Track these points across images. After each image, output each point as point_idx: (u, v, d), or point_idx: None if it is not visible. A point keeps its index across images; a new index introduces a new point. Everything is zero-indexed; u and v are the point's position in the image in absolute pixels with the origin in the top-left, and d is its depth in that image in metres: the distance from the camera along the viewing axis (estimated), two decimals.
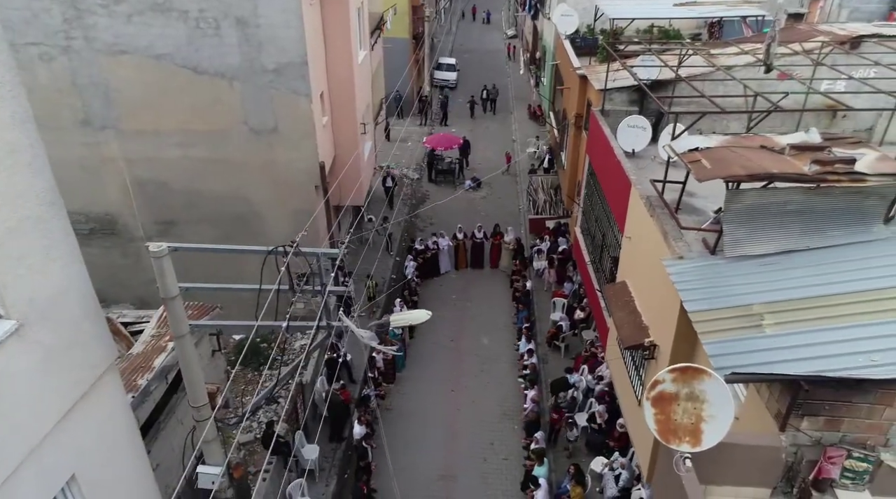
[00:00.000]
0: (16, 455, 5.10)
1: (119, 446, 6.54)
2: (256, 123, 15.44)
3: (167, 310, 6.68)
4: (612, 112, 14.32)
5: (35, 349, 5.22)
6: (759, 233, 7.70)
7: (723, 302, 7.06)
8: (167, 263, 6.48)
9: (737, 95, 11.25)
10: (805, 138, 8.41)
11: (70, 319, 5.62)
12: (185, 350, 6.85)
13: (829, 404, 6.03)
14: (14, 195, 4.96)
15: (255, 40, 14.42)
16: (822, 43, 13.25)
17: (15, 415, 5.07)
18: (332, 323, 7.51)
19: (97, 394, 6.05)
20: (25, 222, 5.08)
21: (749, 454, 6.26)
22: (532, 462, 13.26)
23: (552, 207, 23.96)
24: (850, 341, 6.11)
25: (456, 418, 15.76)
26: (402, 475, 13.61)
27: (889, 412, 6.02)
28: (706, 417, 5.65)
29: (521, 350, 17.12)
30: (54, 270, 5.43)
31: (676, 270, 7.89)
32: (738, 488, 6.39)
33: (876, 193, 7.44)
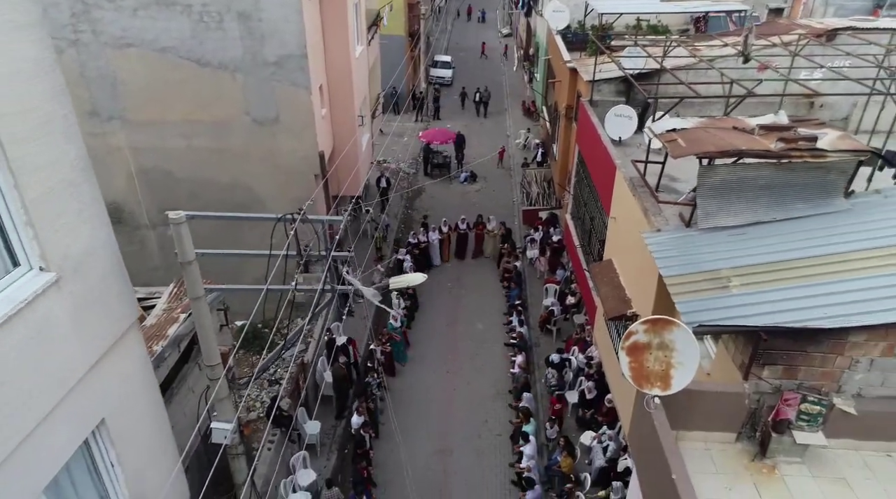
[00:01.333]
0: (53, 396, 5.67)
1: (142, 397, 7.12)
2: (258, 114, 16.01)
3: (184, 274, 7.26)
4: (600, 102, 14.92)
5: (70, 300, 5.79)
6: (729, 206, 8.31)
7: (694, 267, 7.67)
8: (185, 230, 7.05)
9: (716, 82, 11.87)
10: (774, 120, 9.03)
11: (99, 275, 6.20)
12: (201, 312, 7.43)
13: (787, 354, 6.65)
14: (51, 161, 5.53)
15: (256, 33, 15.00)
16: (799, 35, 13.89)
17: (53, 359, 5.65)
18: (336, 287, 8.09)
19: (123, 346, 6.63)
20: (60, 185, 5.66)
21: (716, 401, 6.87)
22: (519, 421, 13.91)
23: (545, 198, 24.57)
24: (806, 298, 6.73)
25: (452, 397, 16.37)
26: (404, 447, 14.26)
27: (840, 361, 6.64)
28: (675, 364, 6.26)
29: (514, 324, 17.81)
30: (85, 230, 6.01)
31: (654, 241, 8.50)
32: (706, 433, 7.01)
33: (836, 169, 8.07)
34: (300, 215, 7.18)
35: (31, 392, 5.36)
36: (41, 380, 5.50)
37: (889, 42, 13.12)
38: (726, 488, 6.54)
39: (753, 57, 12.91)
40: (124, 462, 6.82)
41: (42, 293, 5.42)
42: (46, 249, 5.49)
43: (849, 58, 13.09)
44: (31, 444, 5.42)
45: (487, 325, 19.12)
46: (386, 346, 17.04)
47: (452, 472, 14.15)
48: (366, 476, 13.63)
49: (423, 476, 13.96)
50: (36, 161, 5.30)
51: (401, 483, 13.65)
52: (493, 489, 13.77)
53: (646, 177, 10.45)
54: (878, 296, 6.55)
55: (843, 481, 6.57)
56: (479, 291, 20.81)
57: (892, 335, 6.48)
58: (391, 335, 17.36)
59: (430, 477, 13.96)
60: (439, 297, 20.35)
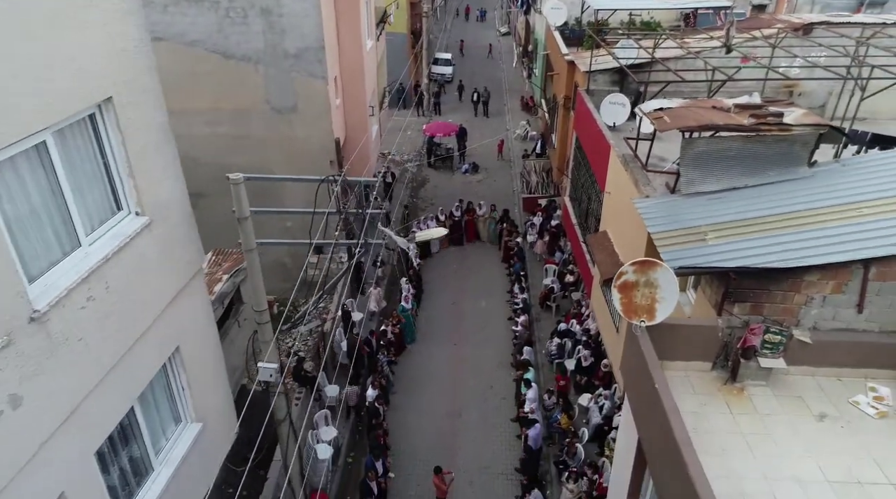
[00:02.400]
0: (147, 319, 6.87)
1: (205, 333, 8.32)
2: (277, 103, 17.21)
3: (241, 228, 8.46)
4: (596, 92, 16.15)
5: (157, 242, 6.99)
6: (707, 174, 9.55)
7: (677, 225, 8.91)
8: (242, 190, 8.27)
9: (701, 69, 13.11)
10: (748, 100, 10.27)
11: (177, 223, 7.40)
12: (253, 263, 8.63)
13: (753, 293, 7.89)
14: (146, 124, 6.73)
15: (277, 28, 16.20)
16: (778, 29, 15.15)
17: (146, 288, 6.84)
18: (370, 240, 9.29)
19: (192, 287, 7.83)
20: (152, 145, 6.86)
21: (693, 334, 8.10)
22: (521, 371, 15.23)
23: (544, 187, 25.81)
24: (769, 246, 7.97)
25: (459, 368, 17.58)
26: (416, 413, 15.50)
27: (798, 298, 7.89)
28: (659, 299, 7.50)
29: (516, 291, 19.37)
30: (168, 183, 7.21)
31: (643, 205, 9.73)
32: (686, 363, 8.22)
33: (800, 141, 9.32)
34: (340, 177, 8.38)
35: (132, 313, 6.57)
36: (139, 305, 6.71)
37: (860, 35, 14.39)
38: (702, 404, 7.75)
39: (736, 48, 14.19)
40: (192, 387, 8.03)
41: (139, 233, 6.62)
42: (142, 196, 6.69)
43: (823, 49, 14.37)
44: (130, 357, 6.61)
45: (490, 302, 20.35)
46: (396, 327, 18.19)
47: (461, 431, 15.36)
48: (382, 443, 14.82)
49: (434, 436, 15.17)
50: (136, 123, 6.50)
51: (412, 446, 14.90)
52: (497, 446, 14.99)
53: (637, 153, 11.68)
54: (829, 242, 7.79)
55: (800, 399, 7.80)
56: (481, 273, 22.05)
57: (840, 275, 7.73)
58: (400, 317, 18.49)
59: (440, 436, 15.16)
60: (444, 280, 21.58)
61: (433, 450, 14.51)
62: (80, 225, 5.93)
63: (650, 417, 7.25)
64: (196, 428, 8.22)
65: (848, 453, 7.01)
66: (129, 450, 7.06)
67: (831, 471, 6.79)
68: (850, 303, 7.90)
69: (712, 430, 7.39)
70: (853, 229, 7.96)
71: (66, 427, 5.69)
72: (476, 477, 14.04)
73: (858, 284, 7.77)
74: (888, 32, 14.61)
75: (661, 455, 6.87)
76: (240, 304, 12.28)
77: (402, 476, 14.17)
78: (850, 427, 7.40)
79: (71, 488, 5.83)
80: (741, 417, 7.62)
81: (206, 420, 8.43)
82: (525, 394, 14.86)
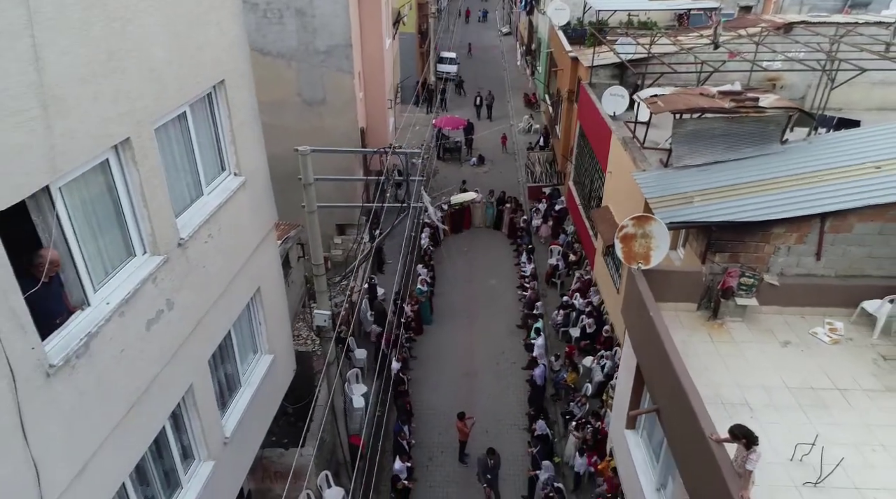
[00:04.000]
0: (240, 262, 8.54)
1: (277, 280, 9.99)
2: (308, 96, 18.89)
3: (305, 193, 10.14)
4: (597, 85, 17.85)
5: (248, 199, 8.66)
6: (695, 150, 11.24)
7: (669, 191, 10.59)
8: (308, 161, 9.96)
9: (691, 63, 14.81)
10: (730, 88, 11.98)
11: (261, 185, 9.08)
12: (314, 223, 10.31)
13: (731, 244, 9.58)
14: (243, 102, 8.40)
15: (310, 27, 17.88)
16: (762, 28, 16.87)
17: (242, 235, 8.52)
18: (413, 204, 10.98)
19: (268, 239, 9.51)
20: (246, 120, 8.53)
21: (682, 279, 9.80)
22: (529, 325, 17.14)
23: (547, 176, 27.55)
24: (745, 206, 9.65)
25: (472, 337, 19.28)
26: (435, 377, 17.17)
27: (767, 248, 9.58)
28: (653, 247, 9.22)
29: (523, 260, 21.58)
30: (256, 153, 8.88)
31: (641, 177, 11.43)
32: (676, 304, 9.90)
33: (773, 121, 11.02)
34: (390, 150, 10.06)
35: (233, 253, 8.25)
36: (237, 247, 8.38)
37: (834, 34, 16.11)
38: (689, 336, 9.44)
39: (723, 45, 15.91)
40: (267, 323, 9.71)
41: (237, 190, 8.29)
42: (240, 161, 8.37)
43: (801, 46, 16.08)
44: (230, 289, 8.29)
45: (499, 280, 22.07)
46: (414, 306, 19.82)
47: (476, 390, 17.06)
48: (408, 409, 16.47)
49: (452, 394, 16.86)
50: (238, 102, 8.18)
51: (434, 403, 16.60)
52: (509, 401, 16.70)
53: (635, 135, 13.38)
54: (793, 202, 9.48)
55: (769, 331, 9.50)
56: (489, 255, 23.78)
57: (801, 229, 9.42)
58: (419, 298, 20.12)
59: (457, 394, 16.85)
60: (455, 262, 23.28)
61: (452, 406, 16.18)
62: (203, 178, 7.61)
63: (647, 342, 8.93)
64: (269, 359, 9.90)
65: (805, 369, 8.72)
66: (225, 367, 8.73)
67: (790, 380, 8.50)
68: (810, 252, 9.60)
69: (697, 354, 9.08)
70: (813, 192, 9.66)
71: (195, 333, 7.36)
72: (491, 427, 15.73)
73: (816, 236, 9.47)
74: (859, 31, 16.34)
75: (655, 370, 8.57)
76: (287, 268, 13.89)
77: (426, 428, 15.86)
78: (808, 351, 9.11)
79: (197, 382, 7.51)
80: (720, 344, 9.33)
81: (276, 354, 10.11)
82: (534, 341, 16.74)
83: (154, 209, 6.37)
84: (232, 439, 8.53)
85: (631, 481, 10.06)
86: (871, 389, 8.35)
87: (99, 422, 5.68)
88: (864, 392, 8.29)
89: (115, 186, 5.93)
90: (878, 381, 8.48)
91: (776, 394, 8.30)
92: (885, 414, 7.88)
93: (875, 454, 7.32)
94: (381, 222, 12.96)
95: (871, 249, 9.48)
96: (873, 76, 16.02)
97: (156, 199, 6.39)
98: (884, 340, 9.19)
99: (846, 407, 8.04)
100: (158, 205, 6.44)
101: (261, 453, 11.79)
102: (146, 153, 6.16)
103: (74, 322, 5.45)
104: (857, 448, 7.37)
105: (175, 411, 7.29)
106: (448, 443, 15.35)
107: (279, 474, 12.46)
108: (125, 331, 5.95)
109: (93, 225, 5.72)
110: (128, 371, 6.04)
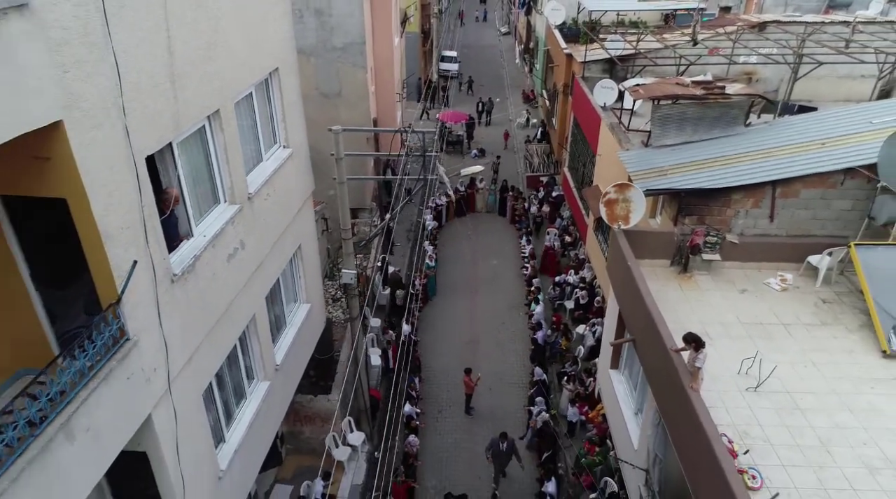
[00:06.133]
0: (286, 221, 10.28)
1: (313, 238, 11.74)
2: (325, 89, 20.60)
3: (337, 167, 11.88)
4: (589, 78, 19.61)
5: (294, 167, 10.40)
6: (670, 132, 13.01)
7: (647, 166, 12.35)
8: (340, 138, 11.70)
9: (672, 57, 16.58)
10: (702, 78, 13.74)
11: (303, 157, 10.83)
12: (343, 193, 12.08)
13: (698, 208, 11.34)
14: (290, 86, 10.15)
15: (328, 26, 19.60)
16: (738, 27, 18.65)
17: (288, 197, 10.25)
18: (428, 176, 12.71)
19: (307, 204, 11.26)
20: (292, 101, 10.27)
21: (658, 239, 11.55)
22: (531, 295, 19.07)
23: (544, 167, 29.33)
24: (710, 176, 11.40)
25: (476, 310, 21.04)
26: (441, 341, 18.92)
27: (729, 212, 11.34)
28: (632, 210, 10.96)
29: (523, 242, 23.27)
30: (299, 130, 10.64)
31: (624, 155, 13.19)
32: (652, 261, 11.64)
33: (737, 106, 12.78)
34: (409, 129, 11.81)
35: (283, 212, 10.01)
36: (285, 207, 10.14)
37: (803, 32, 17.88)
38: (662, 286, 11.18)
39: (701, 41, 17.69)
40: (306, 277, 11.47)
41: (286, 160, 10.05)
42: (288, 135, 10.14)
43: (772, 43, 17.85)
44: (280, 243, 10.04)
45: (501, 260, 23.85)
46: (424, 279, 21.59)
47: (479, 353, 18.82)
48: (417, 364, 18.26)
49: (457, 357, 18.59)
50: (287, 86, 9.93)
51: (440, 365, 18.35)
52: (511, 363, 18.48)
53: (621, 121, 15.15)
54: (751, 173, 11.24)
55: (730, 281, 11.25)
56: (491, 237, 25.58)
57: (757, 194, 11.18)
58: (427, 272, 21.89)
59: (462, 357, 18.58)
60: (460, 244, 25.05)
61: (457, 368, 17.91)
62: (262, 147, 9.37)
63: (626, 288, 10.68)
64: (307, 307, 11.66)
65: (757, 310, 10.48)
66: (275, 308, 10.49)
67: (744, 317, 10.26)
68: (764, 215, 11.35)
69: (668, 300, 10.82)
70: (768, 164, 11.42)
71: (257, 272, 9.11)
72: (493, 385, 17.49)
73: (769, 201, 11.23)
74: (824, 30, 18.12)
75: (632, 308, 10.32)
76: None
77: (434, 387, 17.63)
78: (761, 297, 10.87)
79: (258, 313, 9.27)
80: (688, 292, 11.08)
81: (312, 304, 11.87)
82: (534, 310, 18.68)
83: (232, 167, 8.13)
84: (281, 366, 10.29)
85: (615, 411, 11.84)
86: (809, 323, 10.11)
87: (199, 327, 7.43)
88: (804, 326, 10.06)
89: (208, 146, 7.68)
90: (816, 318, 10.25)
91: (731, 328, 10.06)
92: (817, 341, 9.66)
93: (805, 369, 9.09)
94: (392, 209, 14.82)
95: (815, 212, 11.24)
96: (839, 71, 17.89)
97: (234, 159, 8.15)
98: (824, 287, 10.94)
99: (787, 336, 9.81)
100: (235, 164, 8.20)
101: (293, 399, 13.56)
102: (228, 122, 7.91)
103: (185, 246, 7.21)
104: (792, 365, 9.14)
105: (241, 336, 9.04)
106: (455, 399, 17.09)
107: (308, 418, 14.19)
108: (215, 259, 7.70)
109: (195, 175, 7.48)
110: (216, 292, 7.79)
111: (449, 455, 15.52)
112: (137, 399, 6.18)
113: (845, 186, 10.97)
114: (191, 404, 7.29)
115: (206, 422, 7.80)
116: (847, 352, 9.46)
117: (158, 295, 6.38)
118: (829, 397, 8.63)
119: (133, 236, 5.95)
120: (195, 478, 7.41)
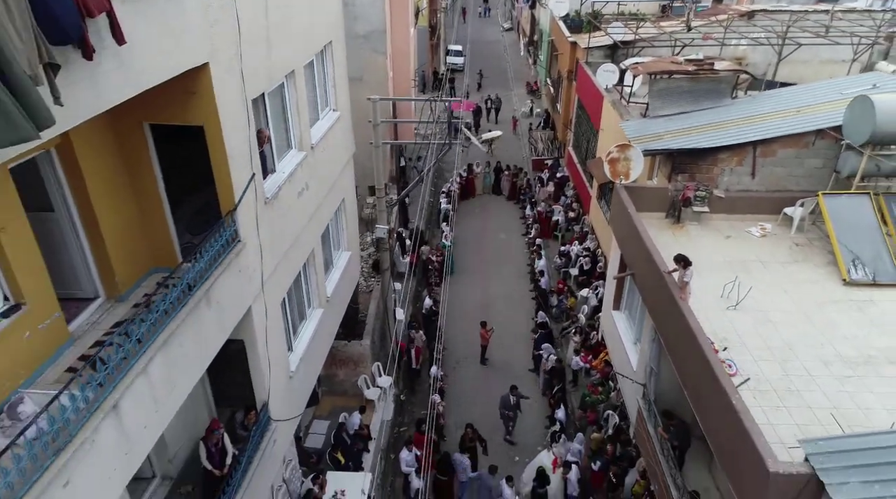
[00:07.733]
0: (335, 175, 11.98)
1: (352, 195, 13.46)
2: (350, 74, 22.22)
3: (374, 132, 13.59)
4: (592, 63, 21.32)
5: (341, 128, 12.10)
6: (666, 103, 14.72)
7: (646, 133, 14.07)
8: (377, 107, 13.40)
9: (667, 41, 18.30)
10: (695, 57, 15.45)
11: (347, 120, 12.55)
12: (378, 155, 13.81)
13: (689, 166, 13.04)
14: (340, 59, 11.86)
15: (351, 15, 21.26)
16: (728, 15, 20.37)
17: (337, 154, 11.94)
18: (453, 142, 14.39)
19: (349, 164, 12.97)
20: (341, 75, 11.99)
21: (654, 194, 13.25)
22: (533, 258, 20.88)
23: (548, 151, 31.06)
24: (700, 139, 13.12)
25: (487, 276, 22.82)
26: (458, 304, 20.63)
27: (716, 170, 13.04)
28: (632, 167, 12.68)
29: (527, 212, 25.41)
30: (345, 96, 12.35)
31: (625, 125, 14.91)
32: (649, 214, 13.31)
33: (724, 81, 14.50)
34: (439, 98, 13.49)
35: (333, 166, 11.71)
36: (335, 163, 11.85)
37: (788, 19, 19.60)
38: (658, 234, 12.84)
39: (695, 29, 19.40)
40: (347, 228, 13.18)
41: (336, 121, 11.76)
42: (337, 100, 11.85)
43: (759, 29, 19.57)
44: (331, 193, 11.74)
45: (507, 234, 25.71)
46: (439, 257, 23.25)
47: (491, 314, 20.55)
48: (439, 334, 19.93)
49: (472, 318, 20.33)
50: (337, 58, 11.65)
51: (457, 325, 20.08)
52: (519, 321, 20.25)
53: (622, 96, 16.87)
54: (735, 135, 12.94)
55: (717, 230, 12.95)
56: (498, 215, 27.39)
57: (740, 154, 12.87)
58: (443, 251, 23.56)
59: (476, 317, 20.33)
60: (473, 218, 26.91)
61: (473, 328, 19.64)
62: (319, 108, 11.08)
63: (627, 233, 12.38)
64: (348, 255, 13.38)
65: (739, 251, 12.18)
66: (325, 250, 12.20)
67: (727, 257, 11.97)
68: (746, 172, 13.06)
69: (662, 245, 12.42)
70: (750, 129, 13.13)
71: (316, 213, 10.82)
72: (504, 340, 19.23)
73: (751, 160, 12.93)
74: (807, 17, 19.85)
75: (632, 249, 12.02)
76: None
77: (453, 343, 19.36)
78: (743, 242, 12.57)
79: (316, 249, 10.99)
80: (681, 238, 12.79)
81: (351, 253, 13.58)
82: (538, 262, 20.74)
83: (301, 120, 9.84)
84: (331, 298, 12.01)
85: (616, 346, 13.56)
86: (783, 261, 11.83)
87: (279, 246, 9.15)
88: (779, 263, 11.78)
89: (286, 100, 9.39)
90: (790, 257, 11.97)
91: (717, 265, 11.76)
92: (789, 274, 11.37)
93: (777, 294, 10.81)
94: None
95: (791, 170, 12.95)
96: (822, 55, 19.61)
97: (303, 113, 9.86)
98: (798, 234, 12.64)
99: (764, 270, 11.52)
100: (303, 117, 9.91)
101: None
102: (300, 82, 9.62)
103: (271, 178, 8.93)
104: (766, 291, 10.84)
105: (304, 264, 10.74)
106: (471, 353, 18.84)
107: (343, 361, 15.90)
108: (290, 193, 9.42)
109: (276, 123, 9.19)
110: (290, 221, 9.50)
111: (467, 398, 17.26)
112: (244, 291, 7.88)
113: (816, 146, 12.67)
114: (275, 307, 9.00)
115: (283, 327, 9.51)
116: (813, 282, 11.18)
117: (258, 211, 8.09)
118: (796, 314, 10.35)
119: (245, 161, 7.65)
120: (276, 371, 9.13)
